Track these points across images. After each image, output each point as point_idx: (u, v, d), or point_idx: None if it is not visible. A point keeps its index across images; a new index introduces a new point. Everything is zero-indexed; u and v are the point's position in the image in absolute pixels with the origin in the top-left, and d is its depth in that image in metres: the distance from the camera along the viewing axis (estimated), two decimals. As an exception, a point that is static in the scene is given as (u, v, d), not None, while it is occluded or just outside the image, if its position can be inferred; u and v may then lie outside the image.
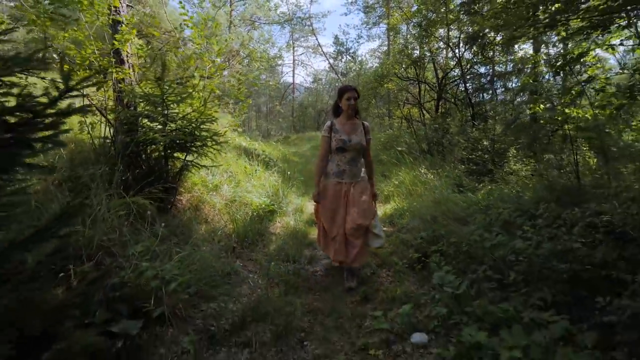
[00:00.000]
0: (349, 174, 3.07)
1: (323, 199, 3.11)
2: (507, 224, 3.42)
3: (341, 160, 3.08)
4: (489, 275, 2.58)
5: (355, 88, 3.10)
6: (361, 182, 3.10)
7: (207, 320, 2.43)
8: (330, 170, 3.12)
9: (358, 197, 3.03)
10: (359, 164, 3.13)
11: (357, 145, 3.03)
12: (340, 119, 3.12)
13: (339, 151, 3.06)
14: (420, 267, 3.30)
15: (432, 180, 6.02)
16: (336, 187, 3.07)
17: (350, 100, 3.02)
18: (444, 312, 2.39)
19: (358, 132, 3.08)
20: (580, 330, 1.91)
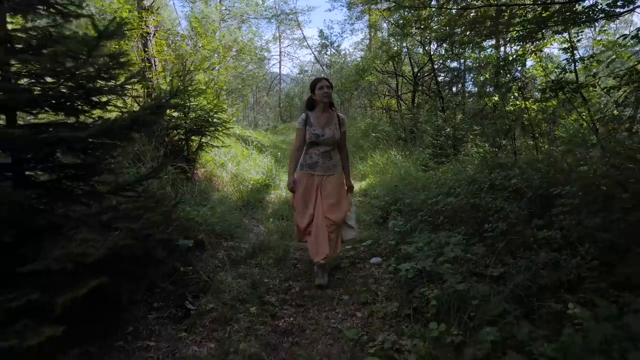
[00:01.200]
0: (321, 167, 3.01)
1: (296, 189, 3.06)
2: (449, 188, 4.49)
3: (314, 153, 3.02)
4: (425, 219, 3.64)
5: (327, 78, 3.06)
6: (335, 175, 3.04)
7: (228, 250, 3.43)
8: (304, 162, 3.07)
9: (331, 191, 2.99)
10: (333, 157, 3.06)
11: (329, 140, 2.98)
12: (316, 112, 3.04)
13: (312, 145, 3.01)
14: (382, 221, 4.35)
15: (401, 162, 7.08)
16: (308, 179, 3.02)
17: (323, 89, 2.94)
18: (393, 243, 3.44)
19: (332, 125, 3.01)
20: (473, 243, 2.97)
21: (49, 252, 1.68)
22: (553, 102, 5.40)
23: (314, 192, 3.01)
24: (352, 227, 3.13)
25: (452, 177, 4.86)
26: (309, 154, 3.05)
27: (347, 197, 3.12)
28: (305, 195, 3.02)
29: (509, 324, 1.92)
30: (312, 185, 3.02)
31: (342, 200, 3.04)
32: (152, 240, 2.08)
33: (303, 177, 3.05)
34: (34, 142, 1.84)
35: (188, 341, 2.21)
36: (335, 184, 3.02)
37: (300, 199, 3.04)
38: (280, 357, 2.16)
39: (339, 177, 3.08)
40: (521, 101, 5.55)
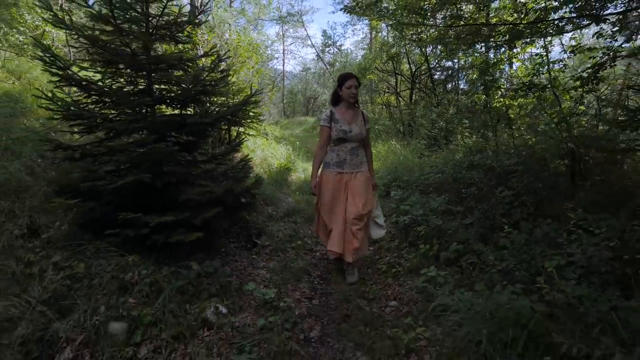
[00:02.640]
0: (349, 164, 2.92)
1: (323, 189, 2.98)
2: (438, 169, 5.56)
3: (342, 150, 2.92)
4: (418, 189, 4.71)
5: (356, 76, 2.95)
6: (362, 172, 2.97)
7: (270, 212, 4.50)
8: (331, 161, 2.97)
9: (359, 187, 2.90)
10: (360, 153, 2.98)
11: (358, 136, 2.90)
12: (340, 108, 2.96)
13: (339, 141, 2.92)
14: (385, 194, 5.41)
15: (400, 150, 8.13)
16: (336, 177, 2.92)
17: (351, 88, 2.85)
18: (393, 206, 4.50)
19: (358, 121, 2.95)
20: (453, 202, 4.02)
21: (185, 192, 2.73)
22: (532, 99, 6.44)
23: (343, 191, 2.92)
24: (381, 225, 3.04)
25: (442, 161, 5.92)
26: (336, 152, 2.95)
27: (373, 195, 3.05)
28: (335, 193, 2.92)
29: (469, 243, 2.99)
30: (341, 184, 2.92)
31: (370, 196, 2.96)
32: (237, 192, 3.14)
33: (331, 176, 2.94)
34: (167, 126, 2.90)
35: (259, 260, 3.29)
36: (362, 181, 2.93)
37: (328, 198, 2.94)
38: (320, 270, 3.24)
39: (366, 173, 2.99)
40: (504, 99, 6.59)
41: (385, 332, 2.26)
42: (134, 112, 2.77)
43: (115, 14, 2.59)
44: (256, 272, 3.03)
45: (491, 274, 2.42)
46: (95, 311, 1.97)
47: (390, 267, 3.14)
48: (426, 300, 2.49)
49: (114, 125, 2.65)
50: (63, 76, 2.67)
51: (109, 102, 2.88)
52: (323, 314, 2.56)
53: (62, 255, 2.25)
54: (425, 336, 2.19)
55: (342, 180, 2.93)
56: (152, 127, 2.84)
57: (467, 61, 11.02)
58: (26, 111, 3.79)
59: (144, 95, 2.88)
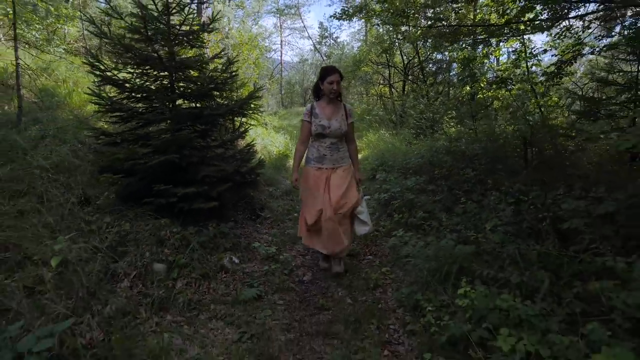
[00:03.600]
0: (329, 160, 2.83)
1: (303, 185, 2.91)
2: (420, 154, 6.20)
3: (321, 146, 2.84)
4: (399, 172, 5.36)
5: (339, 71, 2.82)
6: (343, 167, 2.87)
7: (271, 191, 5.15)
8: (311, 156, 2.90)
9: (339, 182, 2.81)
10: (341, 148, 2.89)
11: (337, 131, 2.80)
12: (321, 102, 2.87)
13: (319, 137, 2.84)
14: (372, 177, 6.06)
15: (389, 139, 8.77)
16: (316, 172, 2.84)
17: (333, 84, 2.75)
18: (377, 186, 5.15)
19: (339, 116, 2.83)
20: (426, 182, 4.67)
21: (203, 170, 3.37)
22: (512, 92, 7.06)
23: (322, 186, 2.81)
24: (365, 222, 2.90)
25: (425, 148, 6.56)
26: (316, 147, 2.88)
27: (356, 189, 2.93)
28: (314, 189, 2.83)
29: (434, 212, 3.65)
30: (320, 179, 2.82)
31: (351, 189, 2.85)
32: (243, 171, 3.78)
33: (311, 171, 2.88)
34: (187, 117, 3.52)
35: (262, 228, 3.95)
36: (343, 175, 2.84)
37: (308, 193, 2.87)
38: (313, 235, 3.90)
39: (348, 168, 2.91)
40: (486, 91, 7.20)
41: (360, 275, 2.93)
42: (161, 106, 3.39)
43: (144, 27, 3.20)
44: (260, 236, 3.69)
45: (444, 232, 3.08)
46: (142, 256, 2.63)
47: (371, 236, 3.80)
48: (394, 253, 3.16)
49: (147, 117, 3.27)
50: (103, 77, 3.29)
51: (139, 98, 3.50)
52: (314, 265, 3.23)
53: (111, 217, 2.90)
54: (390, 277, 2.86)
55: (322, 176, 2.82)
56: (175, 118, 3.47)
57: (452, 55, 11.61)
58: (60, 104, 4.40)
59: (167, 91, 3.50)
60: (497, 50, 7.61)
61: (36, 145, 3.30)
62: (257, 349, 2.07)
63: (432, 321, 2.11)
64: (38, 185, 2.88)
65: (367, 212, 2.94)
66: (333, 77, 2.76)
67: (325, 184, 2.82)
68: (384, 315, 2.40)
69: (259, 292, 2.65)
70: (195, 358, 1.96)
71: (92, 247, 2.51)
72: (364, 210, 2.92)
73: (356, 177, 2.97)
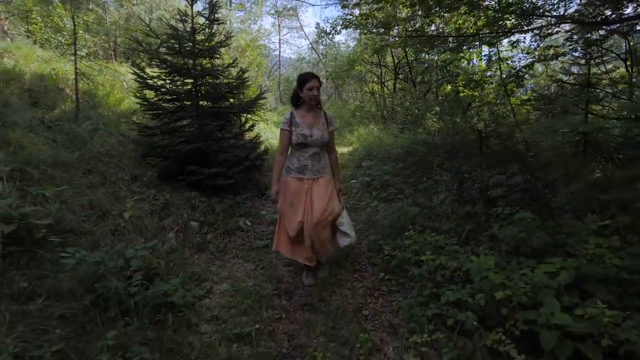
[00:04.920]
0: (311, 170, 2.73)
1: (283, 195, 2.78)
2: (401, 146, 7.12)
3: (302, 156, 2.73)
4: (381, 160, 6.28)
5: (317, 77, 2.72)
6: (325, 177, 2.78)
7: (273, 176, 6.07)
8: (292, 166, 2.77)
9: (321, 193, 2.72)
10: (322, 158, 2.78)
11: (319, 140, 2.70)
12: (301, 111, 2.75)
13: (300, 146, 2.72)
14: (359, 165, 6.99)
15: (377, 133, 9.68)
16: (297, 183, 2.73)
17: (312, 90, 2.63)
18: (363, 172, 6.08)
19: (320, 124, 2.73)
20: (401, 168, 5.60)
21: (221, 156, 4.28)
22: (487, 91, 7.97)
23: (303, 197, 2.70)
24: (347, 233, 2.80)
25: (407, 141, 7.48)
26: (297, 157, 2.74)
27: (337, 199, 2.84)
28: (295, 200, 2.71)
29: (403, 190, 4.57)
30: (301, 190, 2.71)
31: (333, 199, 2.77)
32: (251, 157, 4.69)
33: (291, 181, 2.74)
34: (208, 114, 4.43)
35: (267, 203, 4.87)
36: (324, 185, 2.75)
37: (288, 205, 2.74)
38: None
39: (329, 177, 2.82)
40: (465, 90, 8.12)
41: (342, 233, 3.86)
42: (190, 105, 4.30)
43: (178, 44, 4.10)
44: (265, 208, 4.62)
45: (405, 201, 4.01)
46: (181, 216, 3.55)
47: (352, 206, 4.73)
48: (369, 218, 4.09)
49: (180, 114, 4.19)
50: (144, 83, 4.19)
51: (170, 99, 4.40)
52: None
53: (154, 190, 3.81)
54: (365, 234, 3.80)
55: (304, 187, 2.71)
56: (200, 115, 4.38)
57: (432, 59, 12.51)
58: (101, 103, 5.28)
59: (193, 94, 4.40)
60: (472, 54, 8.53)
61: (92, 137, 4.19)
62: (268, 274, 3.00)
63: (388, 255, 3.05)
64: (99, 166, 3.79)
65: (348, 222, 2.84)
66: (312, 82, 2.64)
67: (306, 195, 2.70)
68: (357, 256, 3.34)
69: (266, 243, 3.58)
70: (227, 276, 2.90)
71: (146, 209, 3.44)
72: (345, 221, 2.82)
73: (337, 187, 2.88)
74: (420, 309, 2.27)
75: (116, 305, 2.06)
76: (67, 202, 2.93)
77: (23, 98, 4.27)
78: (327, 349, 2.11)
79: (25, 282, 2.07)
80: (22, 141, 3.35)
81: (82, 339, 1.84)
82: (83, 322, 1.95)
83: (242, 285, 2.74)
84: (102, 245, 2.63)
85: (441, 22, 8.43)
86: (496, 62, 7.37)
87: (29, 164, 3.09)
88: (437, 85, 12.07)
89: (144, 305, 2.15)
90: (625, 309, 1.89)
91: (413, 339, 2.09)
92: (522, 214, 2.75)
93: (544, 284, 2.07)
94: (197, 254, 3.20)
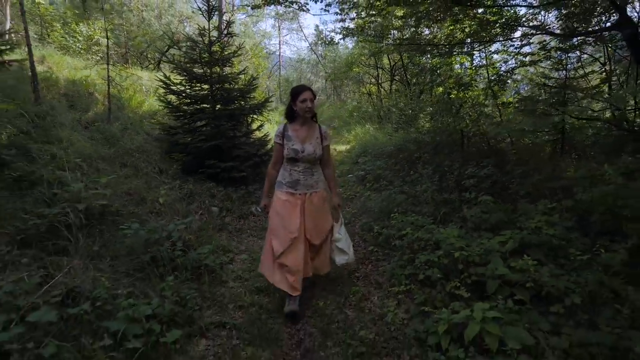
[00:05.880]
0: (303, 185, 2.61)
1: (274, 210, 2.64)
2: (394, 144, 7.74)
3: (294, 170, 2.61)
4: (375, 156, 6.90)
5: (310, 88, 2.60)
6: (318, 192, 2.67)
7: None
8: (283, 180, 2.65)
9: (313, 209, 2.63)
10: (315, 173, 2.67)
11: (310, 156, 2.57)
12: (295, 124, 2.63)
13: (291, 161, 2.60)
14: (356, 161, 7.61)
15: (373, 132, 10.30)
16: (290, 198, 2.60)
17: (306, 102, 2.51)
18: (359, 167, 6.70)
19: (313, 139, 2.61)
20: (392, 163, 6.22)
21: (235, 152, 4.89)
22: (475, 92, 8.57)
23: (296, 213, 2.58)
24: (344, 250, 2.72)
25: (399, 140, 8.10)
26: (289, 171, 2.63)
27: (331, 215, 2.77)
28: (287, 215, 2.57)
29: (392, 180, 5.19)
30: (294, 205, 2.59)
31: (325, 217, 2.72)
32: (260, 153, 5.30)
33: (283, 195, 2.62)
34: (222, 115, 5.04)
35: (273, 194, 5.48)
36: (317, 202, 2.65)
37: (279, 220, 2.58)
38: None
39: (322, 193, 2.71)
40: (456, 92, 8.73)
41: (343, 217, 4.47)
42: (207, 108, 4.91)
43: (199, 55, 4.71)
44: (273, 198, 5.23)
45: (395, 190, 4.63)
46: (203, 202, 4.17)
47: (349, 196, 5.36)
48: (363, 205, 4.70)
49: (199, 116, 4.80)
50: (167, 88, 4.80)
51: (189, 102, 5.01)
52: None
53: (180, 181, 4.43)
54: (359, 218, 4.41)
55: (296, 202, 2.59)
56: (214, 116, 4.99)
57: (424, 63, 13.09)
58: (125, 106, 5.88)
59: (209, 97, 5.01)
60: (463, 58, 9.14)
61: (122, 135, 4.80)
62: (278, 248, 3.61)
63: (377, 232, 3.66)
64: (132, 160, 4.40)
65: (346, 239, 2.75)
66: (305, 94, 2.52)
67: (300, 211, 2.58)
68: (352, 235, 3.95)
69: (275, 226, 4.20)
70: (245, 249, 3.52)
71: (175, 196, 4.05)
72: (343, 237, 2.73)
73: (335, 203, 2.78)
74: (399, 269, 2.90)
75: (167, 263, 2.68)
76: (113, 188, 3.54)
77: (62, 102, 4.87)
78: (327, 299, 2.73)
79: (96, 246, 2.68)
80: (70, 139, 3.95)
81: (145, 284, 2.45)
82: (143, 276, 2.56)
83: (257, 255, 3.35)
84: (148, 221, 3.24)
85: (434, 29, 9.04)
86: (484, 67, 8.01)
87: (79, 157, 3.69)
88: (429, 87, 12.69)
89: (186, 266, 2.76)
90: (552, 264, 2.51)
91: (393, 290, 2.72)
92: (484, 197, 3.37)
93: (495, 249, 2.70)
94: (218, 233, 3.82)
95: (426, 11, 5.55)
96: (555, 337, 1.93)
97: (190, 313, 2.28)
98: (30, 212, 2.65)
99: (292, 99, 2.59)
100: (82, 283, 2.13)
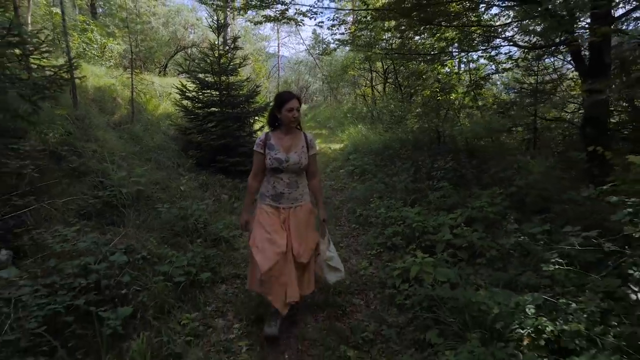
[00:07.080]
0: (287, 198, 2.40)
1: (257, 225, 2.37)
2: (383, 142, 8.51)
3: (278, 182, 2.39)
4: (365, 153, 7.68)
5: (297, 96, 2.39)
6: (303, 207, 2.45)
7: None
8: (266, 192, 2.44)
9: (298, 224, 2.40)
10: (301, 185, 2.45)
11: (295, 166, 2.35)
12: (278, 133, 2.42)
13: (274, 172, 2.38)
14: (347, 158, 8.38)
15: (365, 132, 11.08)
16: (273, 212, 2.39)
17: (293, 111, 2.31)
18: (350, 163, 7.47)
19: (299, 148, 2.40)
20: (380, 159, 6.99)
21: (241, 149, 5.65)
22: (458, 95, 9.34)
23: (280, 228, 2.35)
24: (336, 267, 2.61)
25: (388, 138, 8.88)
26: (272, 183, 2.42)
27: (316, 231, 2.55)
28: (271, 230, 2.33)
29: (376, 174, 5.96)
30: (277, 219, 2.38)
31: (309, 233, 2.47)
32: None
33: (266, 208, 2.42)
34: (230, 118, 5.81)
35: (274, 186, 6.26)
36: (302, 216, 2.44)
37: (262, 235, 2.31)
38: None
39: (307, 206, 2.49)
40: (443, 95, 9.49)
41: (331, 202, 5.25)
42: (217, 112, 5.67)
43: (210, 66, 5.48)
44: (273, 189, 6.02)
45: (376, 181, 5.39)
46: (215, 191, 4.94)
47: (339, 187, 6.13)
48: (350, 194, 5.47)
49: (210, 118, 5.57)
50: (183, 95, 5.56)
51: (201, 106, 5.78)
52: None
53: (195, 174, 5.19)
54: (348, 205, 5.19)
55: (280, 217, 2.40)
56: (223, 118, 5.75)
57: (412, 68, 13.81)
58: (143, 108, 6.64)
59: (218, 102, 5.78)
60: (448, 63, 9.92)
61: (145, 135, 5.56)
62: (278, 227, 4.39)
63: (359, 215, 4.43)
64: (154, 156, 5.17)
65: (337, 256, 2.64)
66: (292, 103, 2.32)
67: (284, 226, 2.38)
68: (339, 217, 4.73)
69: (276, 210, 4.97)
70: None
71: (192, 185, 4.82)
72: (334, 254, 2.62)
73: (321, 217, 2.56)
74: (373, 239, 3.68)
75: (193, 233, 3.45)
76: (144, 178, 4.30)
77: (92, 107, 5.62)
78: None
79: (139, 220, 3.45)
80: (105, 138, 4.71)
81: (179, 247, 3.23)
82: (176, 242, 3.33)
83: (262, 232, 4.13)
84: (175, 203, 4.01)
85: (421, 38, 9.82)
86: (465, 72, 8.79)
87: (114, 153, 4.45)
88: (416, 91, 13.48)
89: (206, 236, 3.54)
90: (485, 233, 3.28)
91: (367, 253, 3.50)
92: (443, 184, 4.16)
93: (447, 223, 3.48)
94: (228, 215, 4.58)
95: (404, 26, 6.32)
96: (473, 276, 2.71)
97: (213, 266, 3.06)
98: (88, 194, 3.42)
99: (277, 107, 2.36)
100: (136, 242, 2.90)
